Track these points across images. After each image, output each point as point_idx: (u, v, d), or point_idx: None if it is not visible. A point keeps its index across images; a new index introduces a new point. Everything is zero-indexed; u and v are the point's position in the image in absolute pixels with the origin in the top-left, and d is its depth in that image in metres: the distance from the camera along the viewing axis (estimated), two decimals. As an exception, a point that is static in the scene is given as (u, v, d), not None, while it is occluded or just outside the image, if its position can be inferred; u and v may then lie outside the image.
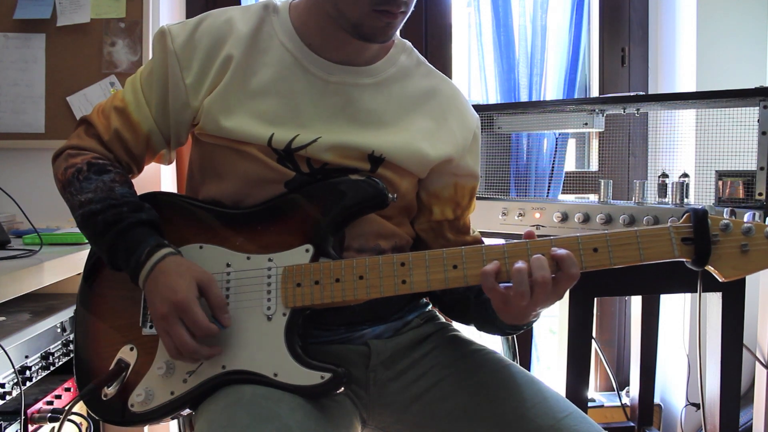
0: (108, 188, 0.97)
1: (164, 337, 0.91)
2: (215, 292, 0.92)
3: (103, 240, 0.95)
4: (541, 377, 1.09)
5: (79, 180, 0.98)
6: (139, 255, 0.92)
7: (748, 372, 1.86)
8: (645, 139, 2.25)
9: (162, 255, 0.93)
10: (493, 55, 2.19)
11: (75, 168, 0.99)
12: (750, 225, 0.84)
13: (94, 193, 0.97)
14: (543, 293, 0.85)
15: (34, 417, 1.28)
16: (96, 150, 1.03)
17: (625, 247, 0.87)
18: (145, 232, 0.95)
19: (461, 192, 1.10)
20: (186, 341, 0.89)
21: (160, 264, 0.92)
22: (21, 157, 1.88)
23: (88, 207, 0.96)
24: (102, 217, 0.95)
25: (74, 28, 1.86)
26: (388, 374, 1.06)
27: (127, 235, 0.94)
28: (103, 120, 1.04)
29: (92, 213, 0.95)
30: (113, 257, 0.96)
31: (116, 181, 0.99)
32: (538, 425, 0.94)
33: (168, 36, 1.01)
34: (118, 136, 1.03)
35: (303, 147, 0.98)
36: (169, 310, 0.89)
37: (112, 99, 1.06)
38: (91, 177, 0.98)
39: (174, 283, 0.89)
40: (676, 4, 2.21)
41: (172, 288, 0.89)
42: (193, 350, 0.89)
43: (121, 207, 0.95)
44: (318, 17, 0.99)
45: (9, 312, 1.39)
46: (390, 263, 0.92)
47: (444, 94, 1.09)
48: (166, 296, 0.89)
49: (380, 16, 0.93)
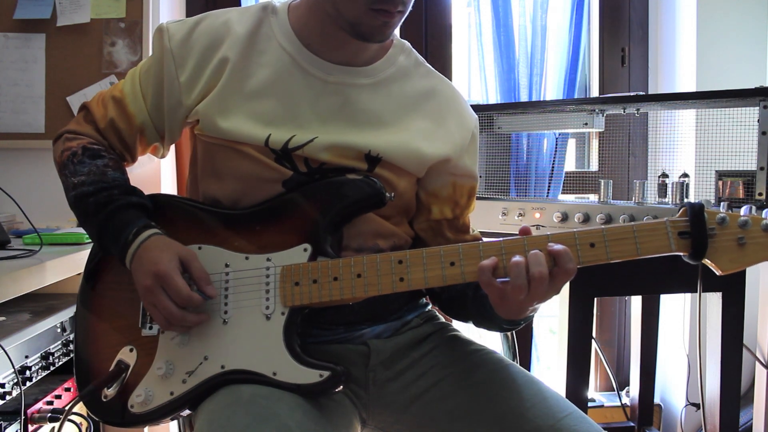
0: (101, 172, 1.01)
1: (152, 310, 0.94)
2: (197, 265, 0.95)
3: (93, 221, 0.98)
4: (541, 377, 1.09)
5: (73, 163, 1.02)
6: (126, 235, 0.95)
7: (748, 372, 1.86)
8: (645, 139, 2.25)
9: (148, 234, 0.95)
10: (493, 55, 2.19)
11: (71, 151, 1.03)
12: (746, 218, 0.84)
13: (87, 176, 1.00)
14: (540, 288, 0.85)
15: (34, 417, 1.28)
16: (92, 136, 1.07)
17: (622, 242, 0.87)
18: (134, 214, 0.98)
19: (460, 191, 1.11)
20: (172, 310, 0.91)
21: (146, 242, 0.95)
22: (21, 157, 1.88)
23: (80, 189, 0.99)
24: (93, 199, 0.98)
25: (74, 28, 1.86)
26: (388, 374, 1.06)
27: (117, 216, 0.97)
28: (101, 108, 1.07)
29: (84, 194, 0.99)
30: (102, 238, 0.98)
31: (109, 166, 1.02)
32: (538, 425, 0.94)
33: (166, 33, 1.03)
34: (113, 125, 1.06)
35: (300, 147, 0.99)
36: (152, 281, 0.91)
37: (112, 89, 1.09)
38: (85, 161, 1.01)
39: (156, 257, 0.92)
40: (676, 4, 2.21)
41: (154, 261, 0.92)
42: (180, 318, 0.92)
43: (111, 189, 0.99)
44: (318, 17, 1.00)
45: (9, 312, 1.39)
46: (388, 261, 0.92)
47: (442, 94, 1.10)
48: (149, 269, 0.92)
49: (377, 15, 0.93)
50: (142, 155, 1.12)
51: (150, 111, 1.05)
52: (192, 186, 1.11)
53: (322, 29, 1.00)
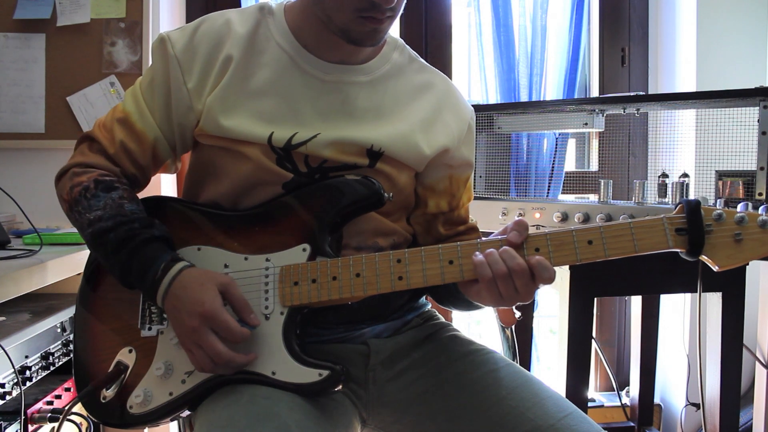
0: (117, 205, 0.96)
1: (196, 350, 0.90)
2: (237, 294, 0.92)
3: (116, 258, 0.94)
4: (541, 377, 1.10)
5: (87, 198, 0.97)
6: (154, 272, 0.91)
7: (748, 372, 1.86)
8: (645, 139, 2.25)
9: (178, 270, 0.92)
10: (493, 55, 2.19)
11: (82, 186, 0.98)
12: (743, 214, 0.85)
13: (104, 210, 0.95)
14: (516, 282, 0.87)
15: (34, 417, 1.28)
16: (102, 165, 1.02)
17: (620, 239, 0.87)
18: (158, 248, 0.94)
19: (456, 184, 1.12)
20: (221, 351, 0.88)
21: (178, 278, 0.91)
22: (21, 157, 1.88)
23: (98, 225, 0.94)
24: (114, 235, 0.93)
25: (74, 28, 1.86)
26: (388, 374, 1.06)
27: (141, 252, 0.93)
28: (106, 134, 1.03)
29: (103, 231, 0.94)
30: (126, 275, 0.94)
31: (125, 198, 0.97)
32: (538, 425, 0.94)
33: (168, 42, 1.01)
34: (123, 148, 1.02)
35: (302, 143, 0.99)
36: (199, 322, 0.88)
37: (112, 113, 1.05)
38: (99, 194, 0.97)
39: (198, 295, 0.89)
40: (676, 4, 2.21)
41: (198, 300, 0.88)
42: (229, 359, 0.89)
43: (132, 223, 0.94)
44: (311, 21, 1.00)
45: (9, 312, 1.39)
46: (386, 260, 0.92)
47: (438, 87, 1.10)
48: (193, 309, 0.88)
49: (366, 22, 0.93)
50: (154, 175, 1.09)
51: (160, 124, 1.02)
52: (191, 188, 1.10)
53: (317, 32, 1.00)
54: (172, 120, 1.02)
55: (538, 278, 0.87)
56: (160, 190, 1.87)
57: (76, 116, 1.86)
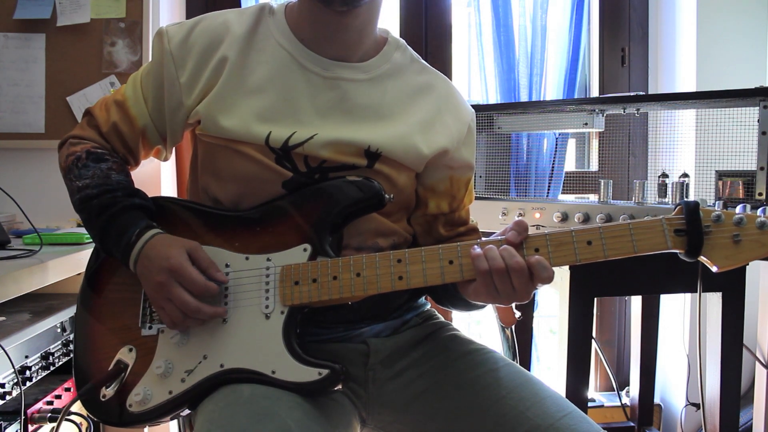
0: (104, 175, 1.02)
1: (166, 304, 0.94)
2: (203, 255, 0.96)
3: (96, 222, 0.99)
4: (541, 377, 1.10)
5: (78, 167, 1.03)
6: (129, 237, 0.96)
7: (748, 372, 1.86)
8: (645, 139, 2.25)
9: (151, 234, 0.97)
10: (493, 55, 2.19)
11: (75, 156, 1.04)
12: (741, 216, 0.85)
13: (91, 179, 1.01)
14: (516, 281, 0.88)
15: (34, 417, 1.28)
16: (95, 140, 1.08)
17: (619, 239, 0.88)
18: (136, 216, 0.99)
19: (457, 185, 1.12)
20: (188, 300, 0.92)
21: (150, 242, 0.96)
22: (21, 157, 1.88)
23: (84, 192, 1.00)
24: (97, 201, 0.99)
25: (74, 28, 1.86)
26: (387, 373, 1.07)
27: (119, 218, 0.98)
28: (104, 113, 1.08)
29: (88, 197, 1.00)
30: (104, 239, 0.99)
31: (113, 169, 1.03)
32: (537, 425, 0.94)
33: (165, 36, 1.04)
34: (115, 129, 1.07)
35: (300, 144, 0.99)
36: (166, 276, 0.92)
37: (115, 93, 1.10)
38: (89, 164, 1.03)
39: (165, 253, 0.94)
40: (676, 4, 2.21)
41: (165, 256, 0.93)
42: (196, 308, 0.92)
43: (115, 192, 1.00)
44: (306, 6, 1.01)
45: (9, 312, 1.39)
46: (387, 260, 0.93)
47: (438, 89, 1.10)
48: (160, 265, 0.93)
49: None
50: (145, 158, 1.13)
51: (151, 113, 1.06)
52: (193, 187, 1.11)
53: (312, 21, 1.01)
54: (163, 111, 1.05)
55: (536, 278, 0.87)
56: (160, 190, 1.87)
57: (76, 116, 1.86)
